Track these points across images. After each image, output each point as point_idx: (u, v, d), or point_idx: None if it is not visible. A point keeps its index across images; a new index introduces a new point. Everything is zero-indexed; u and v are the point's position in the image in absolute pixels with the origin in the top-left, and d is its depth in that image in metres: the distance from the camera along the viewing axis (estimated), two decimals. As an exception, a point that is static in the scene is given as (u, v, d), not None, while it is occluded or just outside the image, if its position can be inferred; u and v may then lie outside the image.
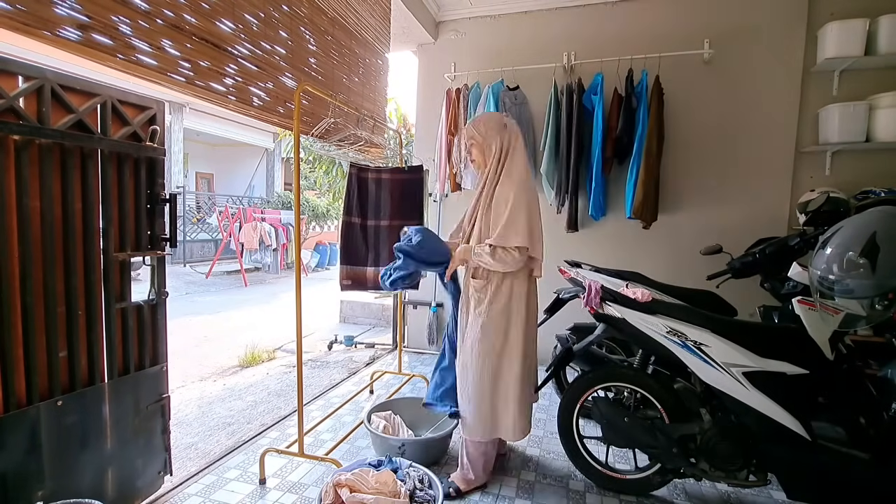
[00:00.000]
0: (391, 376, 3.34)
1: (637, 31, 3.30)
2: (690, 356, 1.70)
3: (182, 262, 9.79)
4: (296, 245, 2.02)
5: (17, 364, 1.42)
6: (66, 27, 1.30)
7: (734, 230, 3.05)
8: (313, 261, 11.05)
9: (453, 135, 3.53)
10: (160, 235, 1.87)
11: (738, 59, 3.14)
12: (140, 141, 1.76)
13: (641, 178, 2.98)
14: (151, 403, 1.85)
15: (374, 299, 5.44)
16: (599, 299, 1.89)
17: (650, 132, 2.98)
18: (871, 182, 2.82)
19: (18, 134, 1.37)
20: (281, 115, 2.22)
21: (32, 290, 1.45)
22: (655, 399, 1.87)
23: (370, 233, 2.61)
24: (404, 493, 1.61)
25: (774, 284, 2.30)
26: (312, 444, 2.37)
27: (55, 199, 1.50)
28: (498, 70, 3.52)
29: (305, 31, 2.39)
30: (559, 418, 2.03)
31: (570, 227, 3.28)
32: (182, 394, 3.24)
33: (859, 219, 1.54)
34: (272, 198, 13.17)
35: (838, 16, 2.86)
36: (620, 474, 1.97)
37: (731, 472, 1.73)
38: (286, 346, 4.57)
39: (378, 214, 2.63)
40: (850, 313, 1.48)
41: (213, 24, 1.82)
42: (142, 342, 1.82)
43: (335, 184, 7.08)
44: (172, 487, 1.96)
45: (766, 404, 1.60)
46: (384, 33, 3.22)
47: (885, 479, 1.51)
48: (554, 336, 2.50)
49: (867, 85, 2.89)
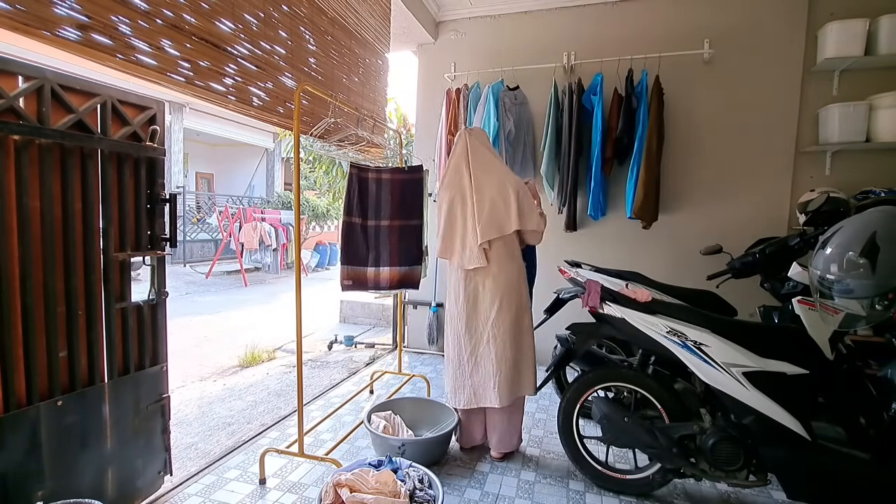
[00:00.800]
0: (391, 376, 3.34)
1: (637, 30, 3.30)
2: (690, 356, 1.70)
3: (182, 262, 9.79)
4: (296, 245, 2.02)
5: (17, 364, 1.42)
6: (65, 27, 1.30)
7: (734, 230, 3.05)
8: (313, 261, 11.06)
9: (453, 135, 3.53)
10: (160, 235, 1.87)
11: (738, 59, 3.14)
12: (140, 141, 1.76)
13: (642, 177, 2.98)
14: (151, 403, 1.85)
15: (374, 299, 5.44)
16: (599, 299, 1.89)
17: (650, 132, 2.98)
18: (871, 182, 2.82)
19: (18, 134, 1.37)
20: (281, 115, 2.22)
21: (32, 290, 1.45)
22: (655, 399, 1.87)
23: (370, 233, 2.61)
24: (404, 493, 1.61)
25: (774, 284, 2.30)
26: (312, 444, 2.37)
27: (55, 199, 1.50)
28: (498, 70, 3.52)
29: (305, 31, 2.39)
30: (559, 418, 2.03)
31: (570, 228, 3.28)
32: (182, 394, 3.24)
33: (859, 219, 1.54)
34: (272, 198, 13.17)
35: (838, 16, 2.86)
36: (620, 474, 1.97)
37: (731, 472, 1.73)
38: (286, 346, 4.57)
39: (378, 214, 2.63)
40: (849, 313, 1.48)
41: (213, 24, 1.82)
42: (142, 342, 1.82)
43: (335, 184, 7.08)
44: (172, 487, 1.96)
45: (766, 404, 1.60)
46: (384, 33, 3.22)
47: (885, 479, 1.51)
48: (554, 336, 2.50)
49: (867, 85, 2.89)
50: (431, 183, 3.64)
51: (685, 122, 3.23)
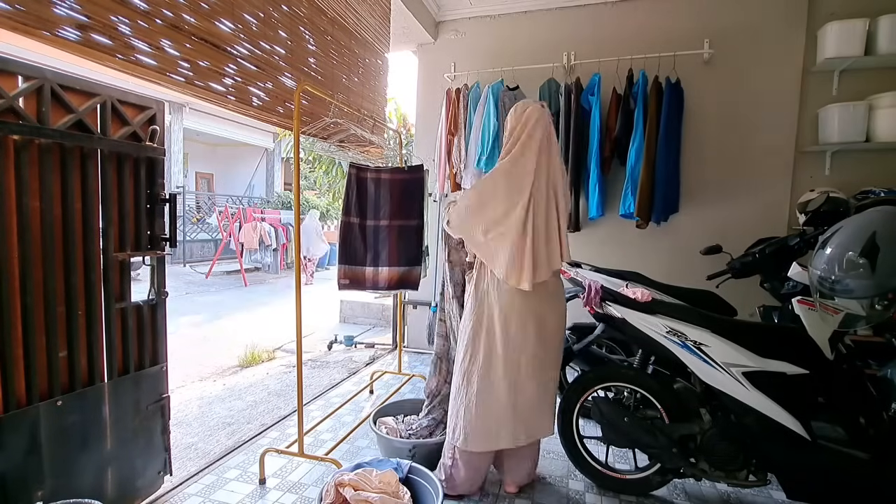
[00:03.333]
0: (391, 376, 3.34)
1: (637, 30, 3.30)
2: (690, 356, 1.70)
3: (182, 262, 9.79)
4: (296, 245, 2.02)
5: (17, 364, 1.42)
6: (65, 27, 1.30)
7: (734, 230, 3.05)
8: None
9: (453, 134, 3.53)
10: (160, 235, 1.87)
11: (737, 59, 3.13)
12: (140, 141, 1.76)
13: (643, 177, 2.97)
14: (151, 403, 1.85)
15: (374, 299, 5.44)
16: (599, 299, 1.89)
17: (650, 132, 2.97)
18: (870, 182, 2.81)
19: (18, 134, 1.37)
20: (281, 115, 2.22)
21: (32, 290, 1.44)
22: (655, 399, 1.87)
23: (369, 233, 2.61)
24: (407, 499, 1.60)
25: (774, 284, 2.30)
26: (312, 444, 2.37)
27: (55, 199, 1.50)
28: (498, 70, 3.52)
29: (305, 31, 2.39)
30: (559, 418, 2.03)
31: (571, 228, 3.28)
32: (182, 394, 3.24)
33: (859, 219, 1.54)
34: (272, 198, 13.17)
35: (838, 16, 2.86)
36: (620, 474, 1.97)
37: (730, 472, 1.73)
38: (286, 345, 4.57)
39: (377, 214, 2.62)
40: (849, 313, 1.48)
41: (213, 24, 1.82)
42: (141, 342, 1.82)
43: (335, 184, 7.09)
44: (172, 487, 1.96)
45: (765, 404, 1.60)
46: (384, 33, 3.22)
47: (884, 479, 1.51)
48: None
49: (867, 85, 2.88)
50: (431, 183, 3.64)
51: (685, 121, 3.23)
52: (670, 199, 3.06)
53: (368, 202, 2.61)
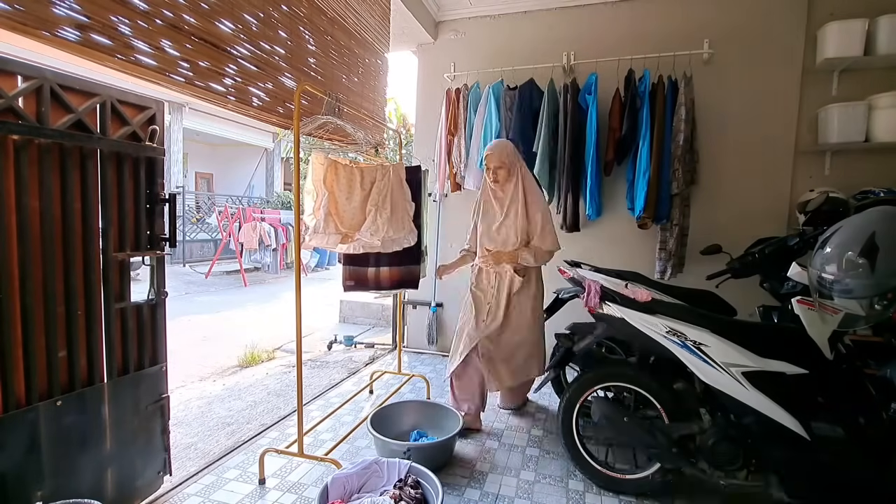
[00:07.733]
0: (391, 376, 3.34)
1: (637, 30, 3.30)
2: (690, 356, 1.70)
3: (181, 262, 9.78)
4: (295, 245, 2.02)
5: (17, 364, 1.42)
6: (64, 27, 1.29)
7: (734, 230, 3.05)
8: (313, 261, 11.04)
9: (453, 135, 3.53)
10: (160, 235, 1.86)
11: (737, 59, 3.14)
12: (139, 141, 1.76)
13: (652, 178, 2.94)
14: (151, 403, 1.85)
15: (374, 299, 5.44)
16: (599, 299, 1.89)
17: (656, 132, 2.96)
18: (870, 182, 2.81)
19: (18, 134, 1.37)
20: (280, 116, 2.21)
21: (32, 290, 1.44)
22: (655, 399, 1.87)
23: (370, 233, 2.61)
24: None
25: (774, 284, 2.30)
26: (312, 444, 2.37)
27: (55, 199, 1.50)
28: (498, 70, 3.52)
29: (305, 32, 2.39)
30: (559, 418, 2.03)
31: (571, 228, 3.28)
32: (182, 394, 3.23)
33: (858, 219, 1.54)
34: (272, 198, 13.16)
35: (838, 16, 2.86)
36: (620, 474, 1.98)
37: (730, 472, 1.73)
38: (286, 346, 4.57)
39: (378, 214, 2.62)
40: (849, 313, 1.48)
41: (213, 24, 1.82)
42: (141, 342, 1.82)
43: (335, 184, 7.07)
44: (172, 487, 1.96)
45: (765, 404, 1.60)
46: (384, 33, 3.22)
47: (884, 478, 1.52)
48: (553, 336, 2.50)
49: (866, 85, 2.89)
50: (431, 183, 3.64)
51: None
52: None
53: (368, 202, 2.61)
